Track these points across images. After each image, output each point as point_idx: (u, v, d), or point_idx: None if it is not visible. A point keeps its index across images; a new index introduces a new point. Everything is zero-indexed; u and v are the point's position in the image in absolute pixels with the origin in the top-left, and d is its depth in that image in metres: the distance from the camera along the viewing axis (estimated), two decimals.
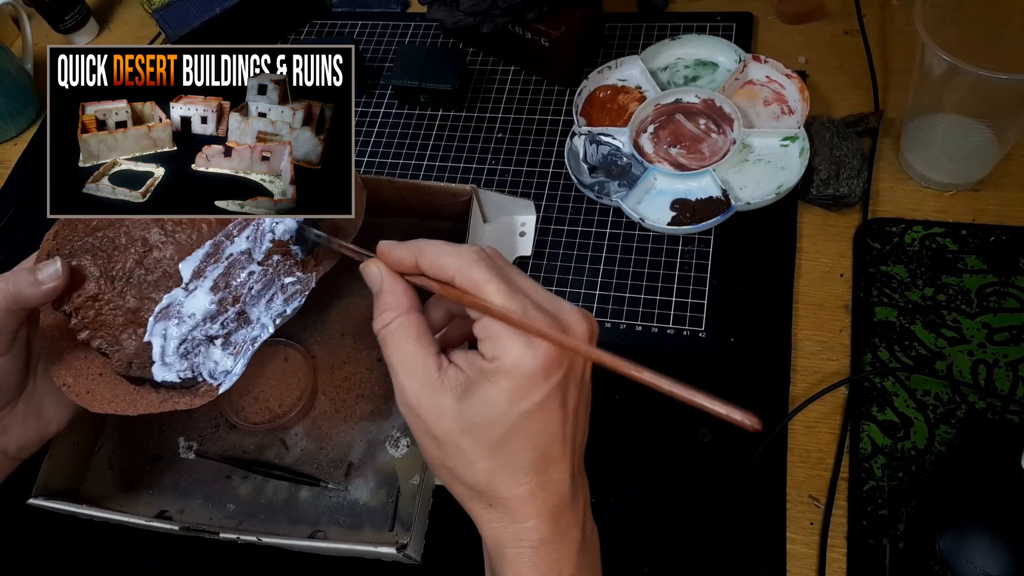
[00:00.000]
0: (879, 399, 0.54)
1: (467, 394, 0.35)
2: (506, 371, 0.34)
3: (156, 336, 0.45)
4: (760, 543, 0.50)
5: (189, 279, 0.45)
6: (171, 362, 0.45)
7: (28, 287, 0.42)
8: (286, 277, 0.47)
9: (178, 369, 0.45)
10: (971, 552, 0.47)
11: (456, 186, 0.61)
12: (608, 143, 0.69)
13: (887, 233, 0.60)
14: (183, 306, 0.45)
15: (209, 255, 0.46)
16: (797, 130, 0.64)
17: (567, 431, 0.36)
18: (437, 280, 0.37)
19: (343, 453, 0.58)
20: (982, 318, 0.55)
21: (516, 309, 0.34)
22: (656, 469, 0.54)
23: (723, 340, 0.59)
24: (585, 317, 0.36)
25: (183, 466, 0.60)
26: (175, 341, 0.45)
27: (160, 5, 0.83)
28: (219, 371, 0.46)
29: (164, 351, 0.45)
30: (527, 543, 0.36)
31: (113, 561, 0.58)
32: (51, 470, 0.56)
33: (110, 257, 0.46)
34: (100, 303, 0.45)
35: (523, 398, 0.34)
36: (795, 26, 0.75)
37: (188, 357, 0.45)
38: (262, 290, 0.46)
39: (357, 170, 0.74)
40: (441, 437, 0.35)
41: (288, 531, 0.56)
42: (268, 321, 0.47)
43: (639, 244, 0.64)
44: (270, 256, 0.46)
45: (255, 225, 0.46)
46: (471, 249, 0.36)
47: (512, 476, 0.35)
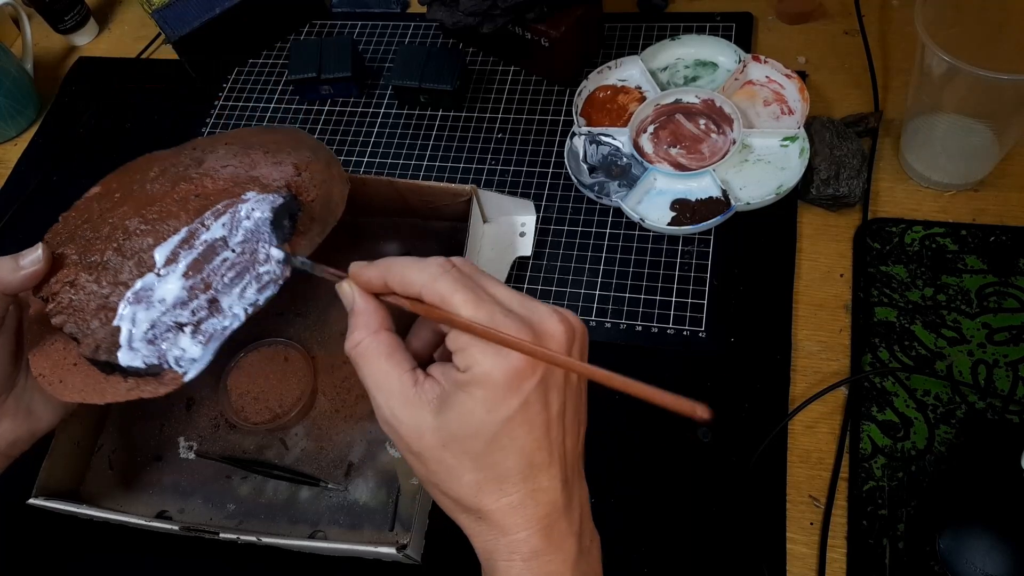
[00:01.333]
0: (879, 399, 0.54)
1: (444, 407, 0.35)
2: (479, 381, 0.34)
3: (125, 321, 0.45)
4: (760, 543, 0.50)
5: (162, 264, 0.45)
6: (138, 347, 0.45)
7: (9, 272, 0.43)
8: (261, 266, 0.47)
9: (144, 355, 0.45)
10: (971, 552, 0.47)
11: (456, 186, 0.61)
12: (608, 143, 0.69)
13: (887, 233, 0.60)
14: (154, 291, 0.45)
15: (184, 240, 0.46)
16: (797, 130, 0.64)
17: (553, 436, 0.36)
18: (407, 297, 0.36)
19: (343, 453, 0.58)
20: (982, 318, 0.56)
21: (482, 318, 0.34)
22: (656, 469, 0.54)
23: (723, 340, 0.59)
24: (563, 319, 0.35)
25: (183, 466, 0.60)
26: (144, 326, 0.45)
27: (160, 5, 0.83)
28: (186, 359, 0.46)
29: (132, 336, 0.45)
30: (518, 556, 0.35)
31: (113, 561, 0.58)
32: (51, 470, 0.56)
33: (90, 244, 0.46)
34: (76, 287, 0.45)
35: (500, 406, 0.34)
36: (795, 26, 0.75)
37: (155, 343, 0.45)
38: (235, 278, 0.46)
39: (346, 168, 0.74)
40: (424, 453, 0.35)
41: (288, 531, 0.56)
42: (240, 311, 0.46)
43: (639, 244, 0.64)
44: (245, 243, 0.47)
45: (232, 212, 0.46)
46: (436, 261, 0.36)
47: (499, 487, 0.35)
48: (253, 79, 0.84)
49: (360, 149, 0.76)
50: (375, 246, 0.66)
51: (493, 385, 0.34)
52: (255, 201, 0.47)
